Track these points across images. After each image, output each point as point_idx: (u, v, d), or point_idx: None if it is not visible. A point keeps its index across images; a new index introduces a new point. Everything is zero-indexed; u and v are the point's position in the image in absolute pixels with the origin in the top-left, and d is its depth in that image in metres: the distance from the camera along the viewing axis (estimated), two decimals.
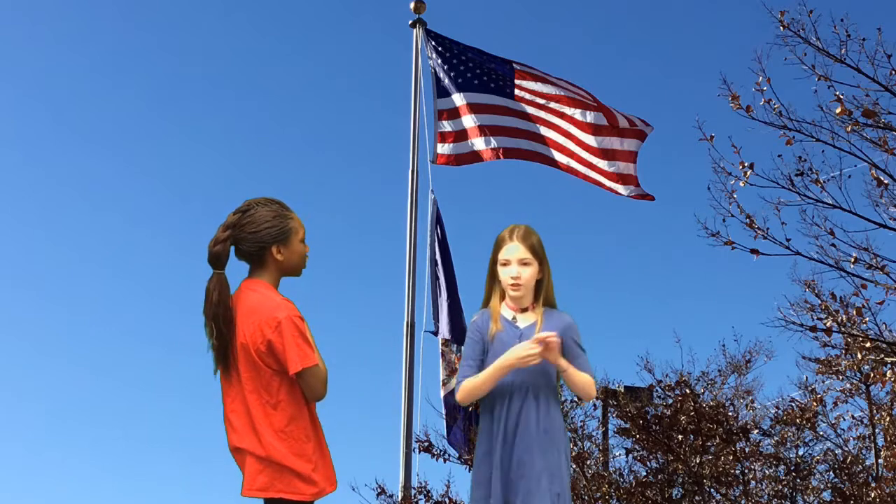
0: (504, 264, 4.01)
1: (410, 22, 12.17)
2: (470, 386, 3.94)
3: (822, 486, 11.39)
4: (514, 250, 3.99)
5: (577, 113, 11.67)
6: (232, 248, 3.64)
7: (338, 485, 3.60)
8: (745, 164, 9.65)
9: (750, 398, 13.19)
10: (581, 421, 11.42)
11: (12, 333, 25.80)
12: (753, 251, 9.51)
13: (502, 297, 4.07)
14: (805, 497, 11.19)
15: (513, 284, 3.98)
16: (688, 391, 10.42)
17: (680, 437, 10.11)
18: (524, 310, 4.04)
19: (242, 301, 3.58)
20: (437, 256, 11.33)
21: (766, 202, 9.77)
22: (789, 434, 11.24)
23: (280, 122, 27.12)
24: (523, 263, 3.98)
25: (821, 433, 12.26)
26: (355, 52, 27.49)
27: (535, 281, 4.04)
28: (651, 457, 10.54)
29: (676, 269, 25.48)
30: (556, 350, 3.85)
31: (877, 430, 12.98)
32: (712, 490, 10.31)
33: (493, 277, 4.08)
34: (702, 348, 25.12)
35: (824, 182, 9.48)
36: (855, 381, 13.57)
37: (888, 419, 12.69)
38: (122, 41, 27.40)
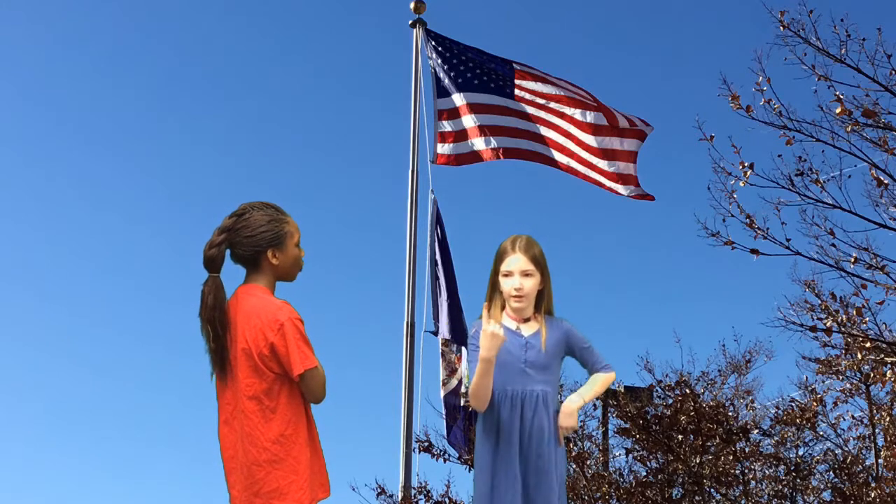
0: (506, 275, 4.00)
1: (410, 22, 12.17)
2: (471, 389, 3.92)
3: (822, 486, 11.39)
4: (516, 261, 3.99)
5: (577, 113, 11.67)
6: (227, 251, 3.62)
7: (331, 492, 3.59)
8: (745, 164, 9.66)
9: (750, 398, 13.18)
10: (581, 421, 11.42)
11: (12, 333, 25.77)
12: (753, 251, 9.51)
13: (503, 309, 4.07)
14: (805, 497, 11.19)
15: (515, 296, 3.98)
16: (688, 391, 10.41)
17: (680, 437, 10.11)
18: (526, 320, 4.04)
19: (241, 306, 3.56)
20: (437, 256, 11.32)
21: (766, 202, 9.80)
22: (789, 434, 11.23)
23: (280, 122, 27.09)
24: (526, 274, 3.98)
25: (821, 433, 12.26)
26: (355, 52, 27.47)
27: (537, 291, 4.03)
28: (651, 457, 10.53)
29: (676, 269, 25.47)
30: (570, 426, 3.97)
31: (877, 430, 12.98)
32: (712, 490, 10.31)
33: (493, 288, 4.06)
34: (702, 348, 25.12)
35: (824, 182, 9.49)
36: (855, 381, 13.58)
37: (888, 419, 12.69)
38: (122, 41, 27.39)
